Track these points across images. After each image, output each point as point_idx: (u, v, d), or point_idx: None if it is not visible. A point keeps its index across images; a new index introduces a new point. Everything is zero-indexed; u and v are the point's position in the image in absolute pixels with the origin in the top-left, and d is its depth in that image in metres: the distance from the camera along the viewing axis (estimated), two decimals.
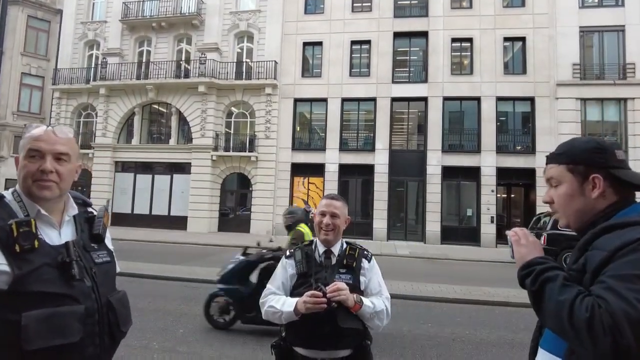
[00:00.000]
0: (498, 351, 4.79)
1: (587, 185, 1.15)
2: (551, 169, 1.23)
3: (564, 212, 1.21)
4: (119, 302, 1.35)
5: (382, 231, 18.17)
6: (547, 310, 1.02)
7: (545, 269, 1.08)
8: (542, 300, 1.04)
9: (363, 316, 1.87)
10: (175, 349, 4.50)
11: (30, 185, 1.23)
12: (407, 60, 19.65)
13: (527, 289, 1.11)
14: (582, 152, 1.17)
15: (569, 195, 1.18)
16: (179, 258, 11.17)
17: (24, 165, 1.24)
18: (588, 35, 17.96)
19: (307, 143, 19.96)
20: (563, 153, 1.21)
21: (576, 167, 1.17)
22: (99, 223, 1.41)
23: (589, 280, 1.01)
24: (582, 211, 1.17)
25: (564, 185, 1.19)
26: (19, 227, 1.14)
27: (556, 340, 1.08)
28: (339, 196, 2.11)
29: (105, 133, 21.07)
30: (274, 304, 1.89)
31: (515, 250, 1.21)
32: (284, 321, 1.88)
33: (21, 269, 1.12)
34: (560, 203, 1.20)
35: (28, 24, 23.13)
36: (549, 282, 1.04)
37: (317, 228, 2.01)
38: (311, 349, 1.85)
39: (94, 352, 1.24)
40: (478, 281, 9.34)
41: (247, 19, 20.58)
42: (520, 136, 18.46)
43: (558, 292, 1.00)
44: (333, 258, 1.99)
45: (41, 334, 1.10)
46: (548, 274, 1.06)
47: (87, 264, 1.28)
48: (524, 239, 1.21)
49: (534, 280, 1.08)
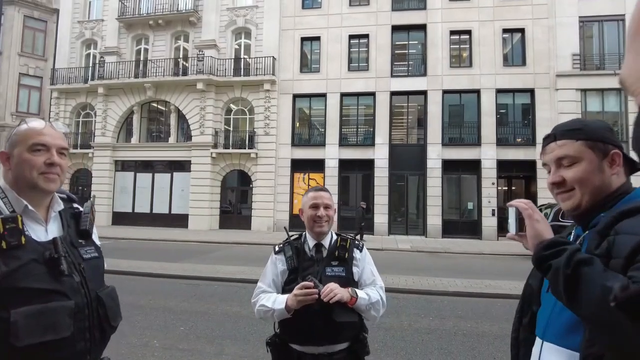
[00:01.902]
0: (500, 344, 4.77)
1: (605, 162, 1.09)
2: (564, 146, 1.13)
3: (584, 190, 1.10)
4: (109, 297, 1.35)
5: (383, 226, 18.16)
6: (587, 296, 0.89)
7: (577, 249, 0.96)
8: (579, 285, 0.91)
9: (359, 309, 1.84)
10: (176, 347, 4.49)
11: (35, 178, 1.24)
12: (405, 53, 19.56)
13: (557, 271, 0.96)
14: (599, 129, 1.12)
15: (590, 171, 1.09)
16: (180, 256, 11.17)
17: (28, 158, 1.23)
18: (588, 25, 17.84)
19: (307, 139, 19.92)
20: (579, 129, 1.12)
21: (596, 144, 1.09)
22: (86, 219, 1.39)
23: (620, 265, 0.91)
24: (599, 188, 1.09)
25: (584, 162, 1.09)
26: (5, 224, 1.13)
27: (568, 331, 1.01)
28: (324, 187, 2.07)
29: (104, 132, 21.04)
30: (265, 303, 1.86)
31: (529, 225, 1.08)
32: (276, 319, 1.85)
33: (8, 265, 1.11)
34: (581, 179, 1.09)
35: (25, 24, 23.06)
36: (585, 265, 0.92)
37: (310, 221, 1.95)
38: (308, 345, 1.82)
39: (84, 346, 1.24)
40: (479, 274, 9.33)
41: (244, 15, 20.48)
42: (520, 128, 18.39)
43: (602, 277, 0.88)
44: (324, 251, 1.95)
45: (32, 330, 1.10)
46: (582, 256, 0.94)
47: (75, 259, 1.28)
48: (537, 213, 1.09)
49: (568, 261, 0.94)
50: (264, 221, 19.03)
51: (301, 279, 1.83)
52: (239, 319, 5.51)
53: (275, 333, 1.92)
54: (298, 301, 1.73)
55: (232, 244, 14.47)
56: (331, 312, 1.75)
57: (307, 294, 1.71)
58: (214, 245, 14.12)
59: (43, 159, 1.25)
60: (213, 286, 7.65)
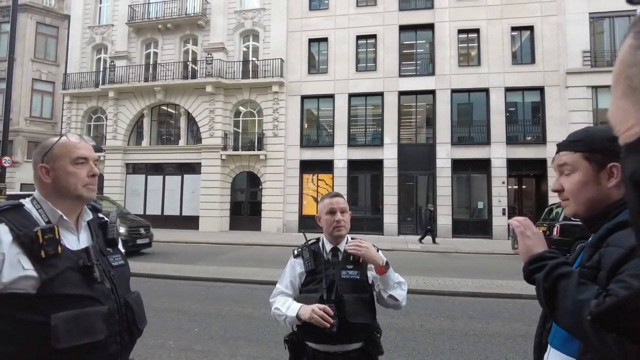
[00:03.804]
0: (511, 344, 4.78)
1: (603, 174, 1.10)
2: (564, 156, 1.18)
3: (575, 200, 1.15)
4: (135, 302, 1.43)
5: (392, 226, 18.14)
6: (563, 309, 0.97)
7: (557, 264, 1.03)
8: (556, 298, 0.99)
9: (387, 283, 1.90)
10: (191, 348, 4.57)
11: (80, 189, 1.33)
12: (413, 53, 19.52)
13: (537, 284, 1.05)
14: (600, 140, 1.12)
15: (583, 183, 1.13)
16: (192, 257, 11.29)
17: (74, 172, 1.33)
18: (598, 22, 17.63)
19: (315, 140, 19.98)
20: (580, 140, 1.16)
21: (593, 155, 1.12)
22: (113, 228, 1.47)
23: (604, 277, 0.95)
24: (594, 200, 1.12)
25: (578, 172, 1.14)
26: (44, 234, 1.20)
27: (568, 339, 1.05)
28: (339, 193, 2.16)
29: (115, 136, 21.33)
30: (280, 307, 1.94)
31: (520, 241, 1.15)
32: (287, 325, 1.93)
33: (47, 273, 1.18)
34: (572, 190, 1.15)
35: (37, 31, 23.49)
36: (563, 278, 0.99)
37: (328, 226, 2.03)
38: (322, 343, 1.88)
39: (116, 350, 1.31)
40: (490, 274, 9.29)
41: (252, 18, 20.62)
42: (530, 126, 18.25)
43: (576, 291, 0.94)
44: (340, 255, 2.02)
45: (70, 333, 1.17)
46: (561, 270, 1.01)
47: (105, 267, 1.35)
48: (529, 230, 1.16)
49: (546, 276, 1.02)
50: (273, 222, 19.13)
51: (316, 282, 1.91)
52: (251, 320, 5.58)
53: (292, 331, 2.00)
54: (312, 318, 1.78)
55: (242, 245, 14.58)
56: (345, 314, 1.82)
57: (324, 318, 1.77)
58: (225, 246, 14.23)
59: (85, 171, 1.35)
60: (225, 288, 7.74)
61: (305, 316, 1.80)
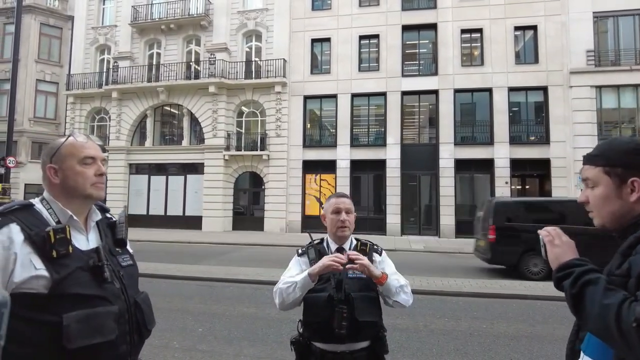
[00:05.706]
0: (516, 344, 4.77)
1: (625, 188, 1.11)
2: (587, 170, 1.19)
3: (599, 214, 1.18)
4: (144, 303, 1.43)
5: (395, 226, 18.12)
6: (590, 314, 0.98)
7: (585, 271, 1.04)
8: (583, 304, 1.00)
9: (389, 290, 1.90)
10: (196, 348, 4.58)
11: (88, 188, 1.34)
12: (416, 53, 19.50)
13: (566, 291, 1.06)
14: (621, 153, 1.13)
15: (604, 197, 1.14)
16: (195, 258, 11.31)
17: (81, 171, 1.33)
18: (602, 21, 17.55)
19: (318, 140, 19.99)
20: (600, 155, 1.17)
21: (613, 170, 1.12)
22: (121, 228, 1.47)
23: (634, 285, 0.96)
24: (618, 214, 1.13)
25: (600, 187, 1.15)
26: (55, 234, 1.21)
27: (601, 347, 1.05)
28: (345, 193, 2.17)
29: (118, 136, 21.40)
30: (287, 279, 1.93)
31: (549, 250, 1.17)
32: (298, 292, 1.88)
33: (59, 273, 1.19)
34: (596, 204, 1.17)
35: (41, 31, 23.55)
36: (590, 284, 1.01)
37: (333, 226, 2.03)
38: (330, 343, 1.88)
39: (126, 349, 1.31)
40: (494, 274, 9.28)
41: (254, 18, 20.64)
42: (533, 126, 18.19)
43: (602, 296, 0.96)
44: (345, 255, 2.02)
45: (82, 333, 1.17)
46: (589, 277, 1.02)
47: (115, 267, 1.35)
48: (557, 238, 1.17)
49: (574, 282, 1.04)
50: (276, 222, 19.14)
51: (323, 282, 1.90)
52: (255, 320, 5.59)
53: (299, 333, 1.99)
54: (325, 265, 1.79)
55: (245, 245, 14.60)
56: (353, 311, 1.81)
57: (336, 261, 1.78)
58: (228, 246, 14.26)
59: (93, 171, 1.36)
60: (229, 288, 7.75)
61: (317, 268, 1.81)
